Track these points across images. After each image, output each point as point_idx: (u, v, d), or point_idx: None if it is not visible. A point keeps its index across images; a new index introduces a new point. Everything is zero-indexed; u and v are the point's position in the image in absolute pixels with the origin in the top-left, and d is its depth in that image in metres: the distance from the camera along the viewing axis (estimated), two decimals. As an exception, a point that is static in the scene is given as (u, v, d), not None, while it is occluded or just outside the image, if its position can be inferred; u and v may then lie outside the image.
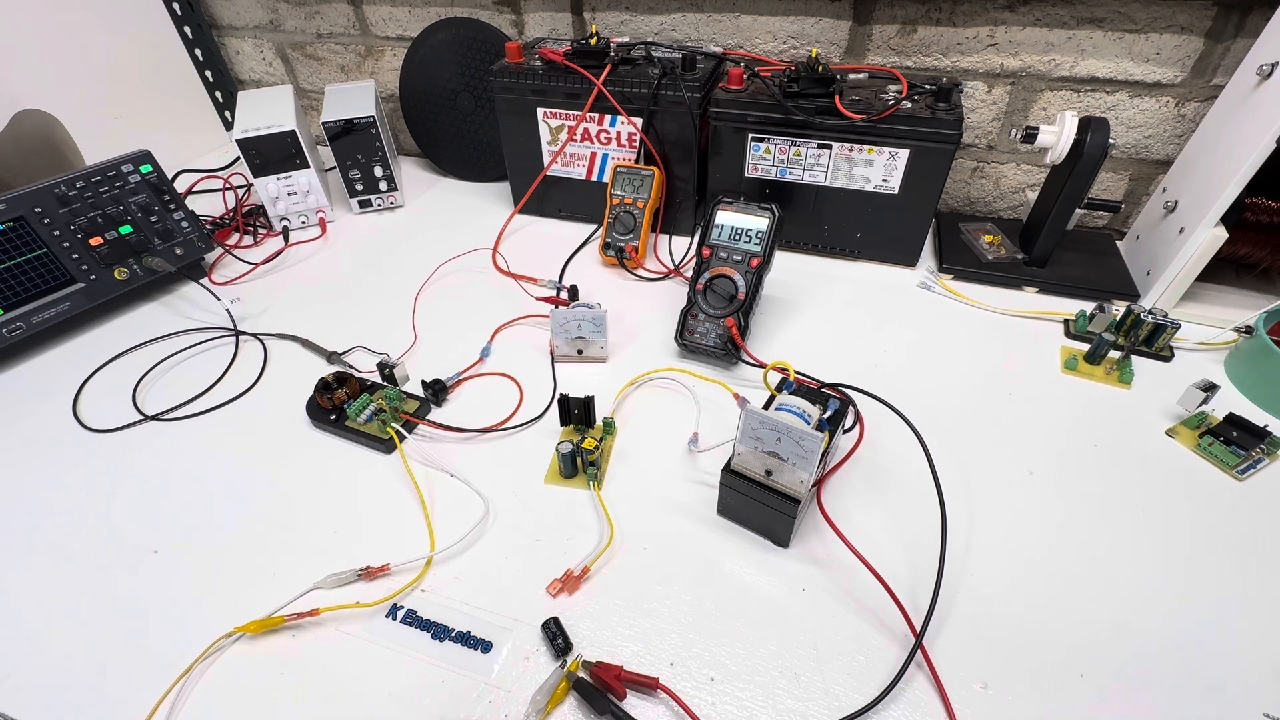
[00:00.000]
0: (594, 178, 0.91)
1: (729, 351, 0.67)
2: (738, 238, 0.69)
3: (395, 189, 0.99)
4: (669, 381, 0.69)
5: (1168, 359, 0.69)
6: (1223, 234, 0.68)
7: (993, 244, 0.83)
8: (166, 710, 0.43)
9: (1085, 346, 0.71)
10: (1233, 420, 0.59)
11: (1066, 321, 0.74)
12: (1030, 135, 0.73)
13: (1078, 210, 0.75)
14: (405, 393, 0.65)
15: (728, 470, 0.51)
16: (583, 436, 0.61)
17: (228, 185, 1.01)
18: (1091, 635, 0.46)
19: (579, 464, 0.58)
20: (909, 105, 0.73)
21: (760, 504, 0.51)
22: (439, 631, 0.47)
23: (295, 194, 0.93)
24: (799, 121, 0.76)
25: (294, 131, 0.89)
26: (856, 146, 0.76)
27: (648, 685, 0.43)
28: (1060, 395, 0.66)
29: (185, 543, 0.54)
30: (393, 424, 0.61)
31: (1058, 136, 0.71)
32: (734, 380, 0.68)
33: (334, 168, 1.10)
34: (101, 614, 0.49)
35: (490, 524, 0.55)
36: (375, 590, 0.50)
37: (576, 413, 0.61)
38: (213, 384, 0.70)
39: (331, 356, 0.72)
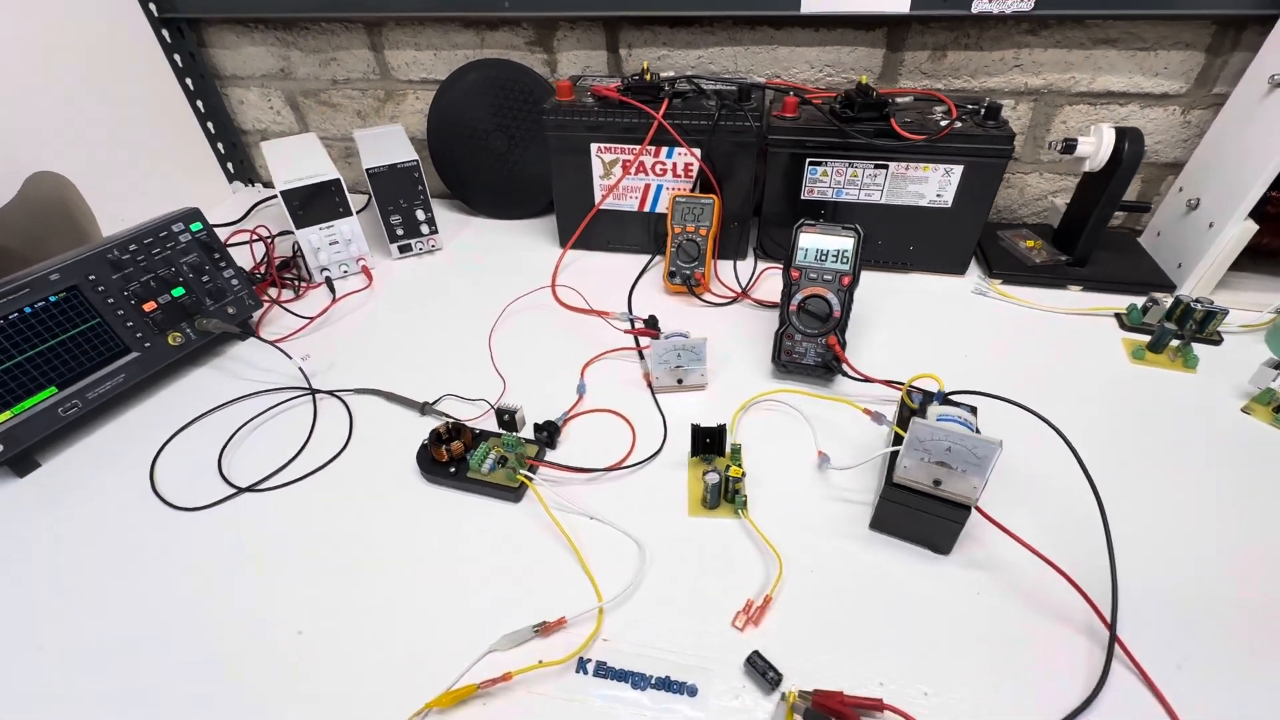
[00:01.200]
0: (647, 209, 0.92)
1: (830, 369, 0.69)
2: (824, 258, 0.71)
3: (436, 231, 0.98)
4: (773, 404, 0.69)
5: (1217, 343, 0.75)
6: (1253, 226, 0.74)
7: (1034, 248, 0.88)
8: (373, 804, 0.40)
9: (1141, 338, 0.76)
10: (1303, 394, 0.64)
11: (1118, 315, 0.80)
12: (1070, 146, 0.79)
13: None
14: (522, 438, 0.63)
15: (892, 485, 0.51)
16: (713, 465, 0.61)
17: (255, 238, 0.96)
18: (1257, 603, 0.49)
19: (724, 493, 0.58)
20: (960, 125, 0.78)
21: (925, 514, 0.52)
22: (637, 680, 0.46)
23: (337, 243, 0.90)
24: (857, 144, 0.80)
25: (338, 180, 0.86)
26: (912, 165, 0.80)
27: (874, 707, 0.43)
28: (1137, 383, 0.70)
29: (331, 616, 0.51)
30: (521, 471, 0.59)
31: (1096, 146, 0.77)
32: (836, 397, 0.69)
33: (361, 209, 1.07)
34: (266, 702, 0.45)
35: (649, 563, 0.54)
36: (554, 647, 0.48)
37: (709, 441, 0.60)
38: (301, 448, 0.66)
39: (424, 408, 0.69)
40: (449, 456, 0.60)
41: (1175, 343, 0.73)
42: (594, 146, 0.87)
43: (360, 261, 0.93)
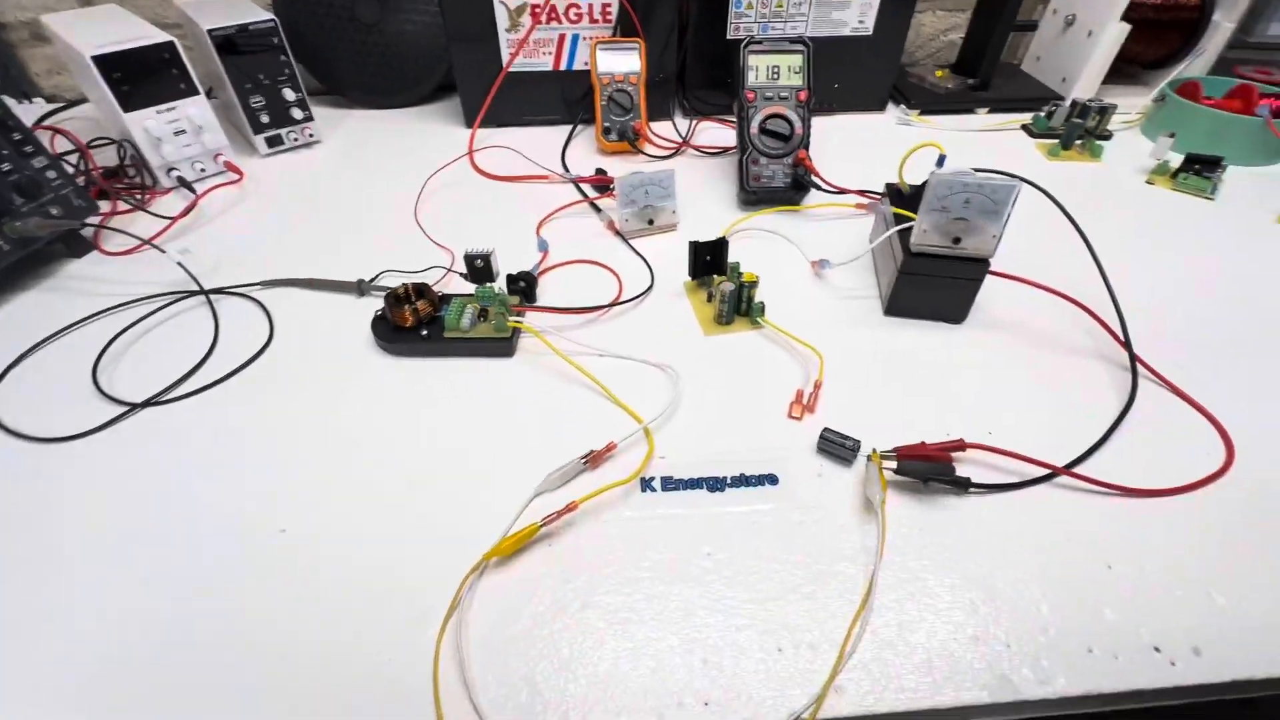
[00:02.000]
0: (563, 66, 0.82)
1: (803, 185, 0.67)
2: (776, 76, 0.67)
3: (311, 118, 0.81)
4: (750, 231, 0.66)
5: (1108, 137, 0.83)
6: (1126, 26, 0.82)
7: (943, 78, 0.92)
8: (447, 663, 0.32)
9: (1050, 141, 0.82)
10: (1192, 158, 0.72)
11: (1025, 127, 0.85)
12: (971, -37, 0.81)
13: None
14: (499, 289, 0.54)
15: (911, 256, 0.50)
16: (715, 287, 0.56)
17: (58, 132, 0.74)
18: (1220, 314, 0.55)
19: (740, 305, 0.53)
20: (876, -59, 0.77)
21: (942, 279, 0.51)
22: (713, 484, 0.41)
23: (184, 133, 0.71)
24: (781, -33, 0.76)
25: (172, 42, 0.68)
26: (836, -13, 0.79)
27: (956, 448, 0.42)
28: (1060, 175, 0.76)
29: (315, 511, 0.40)
30: (512, 317, 0.50)
31: (994, -40, 0.80)
32: (808, 215, 0.67)
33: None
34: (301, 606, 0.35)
35: (682, 383, 0.48)
36: (609, 475, 0.42)
37: (710, 259, 0.55)
38: (208, 353, 0.52)
39: (363, 287, 0.57)
40: (416, 319, 0.50)
41: (1080, 140, 0.80)
42: (495, -9, 0.76)
43: (220, 158, 0.75)
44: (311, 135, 0.82)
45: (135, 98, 0.67)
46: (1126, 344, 0.49)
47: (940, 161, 0.54)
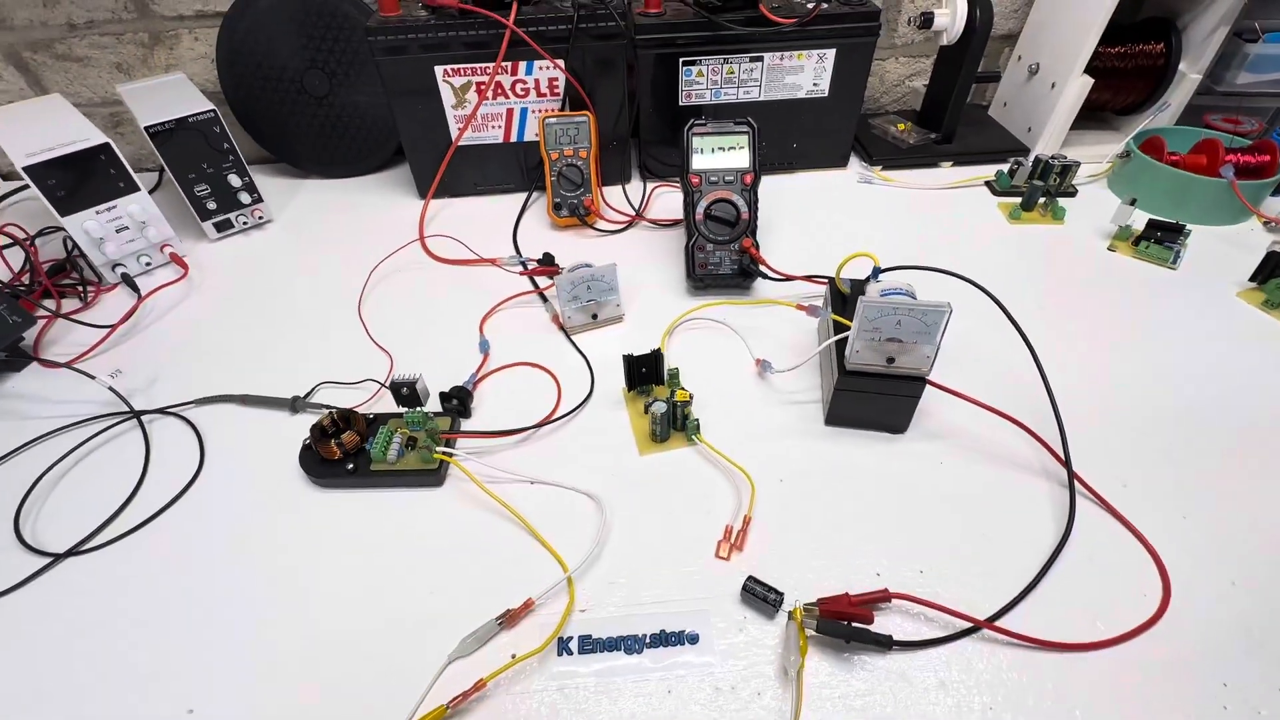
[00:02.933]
0: (513, 138, 0.81)
1: (749, 273, 0.65)
2: (722, 158, 0.66)
3: (260, 200, 0.80)
4: (697, 321, 0.65)
5: (1073, 195, 0.81)
6: (1089, 80, 0.80)
7: (905, 130, 0.90)
8: None
9: (1013, 200, 0.80)
10: (1155, 225, 0.70)
11: (988, 183, 0.83)
12: (928, 20, 0.79)
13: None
14: (428, 412, 0.53)
15: (846, 374, 0.49)
16: (653, 396, 0.55)
17: (7, 241, 0.73)
18: (1169, 414, 0.53)
19: (673, 422, 0.52)
20: (826, 6, 0.75)
21: (880, 396, 0.50)
22: (630, 644, 0.40)
23: (127, 229, 0.71)
24: (729, 36, 0.75)
25: (108, 144, 0.67)
26: (788, 54, 0.77)
27: (880, 600, 0.41)
28: (1019, 240, 0.74)
29: (228, 683, 0.39)
30: (439, 448, 0.49)
31: (951, 17, 0.78)
32: (761, 300, 0.66)
33: (155, 187, 0.86)
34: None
35: (610, 516, 0.47)
36: (526, 635, 0.41)
37: (645, 371, 0.54)
38: (136, 487, 0.51)
39: (297, 404, 0.56)
40: (342, 451, 0.49)
41: (1042, 200, 0.78)
42: (439, 70, 0.74)
43: (166, 249, 0.74)
44: (261, 216, 0.81)
45: (73, 201, 0.67)
46: (1066, 463, 0.48)
47: (875, 274, 0.52)
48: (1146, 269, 0.69)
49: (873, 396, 0.50)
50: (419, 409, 0.52)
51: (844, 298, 0.55)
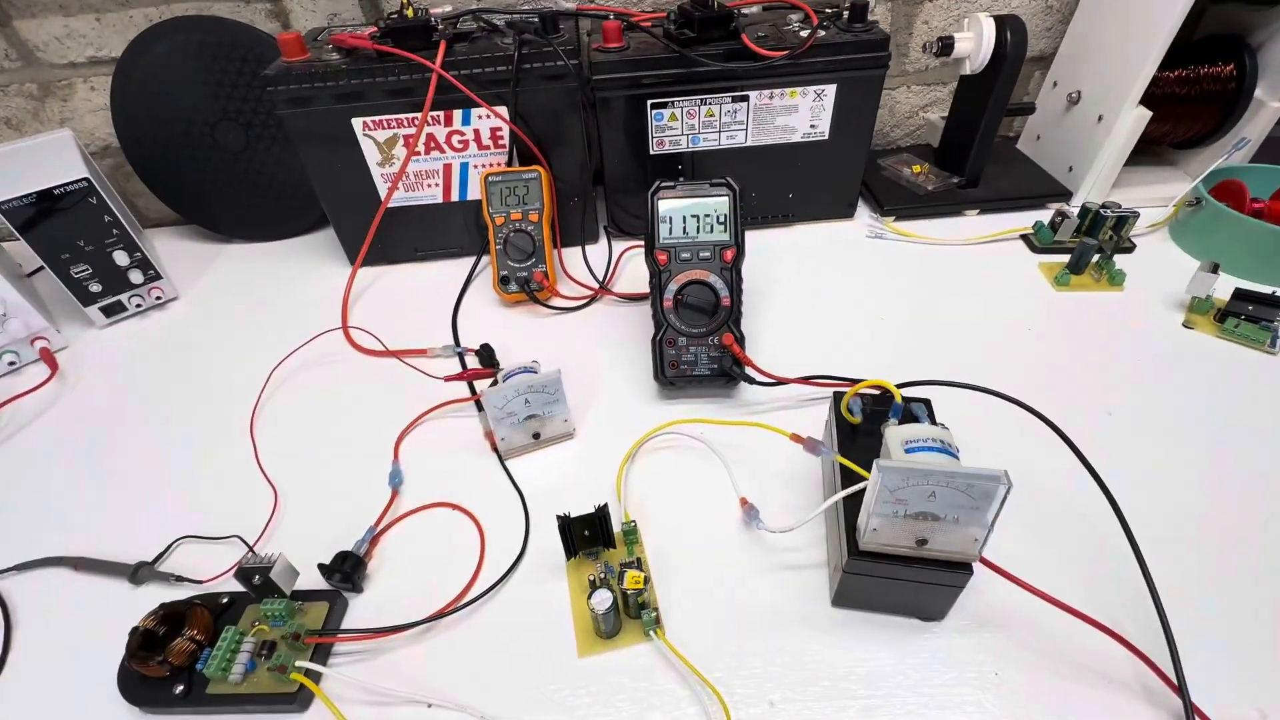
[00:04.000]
0: (455, 197, 0.68)
1: (733, 375, 0.52)
2: (696, 230, 0.52)
3: (157, 277, 0.68)
4: (669, 437, 0.51)
5: (1131, 250, 0.67)
6: (1146, 113, 0.66)
7: (921, 173, 0.76)
8: None
9: (1056, 259, 0.66)
10: (1242, 295, 0.56)
11: (1024, 237, 0.69)
12: (947, 46, 0.66)
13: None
14: (296, 594, 0.40)
15: (858, 557, 0.35)
16: (601, 563, 0.41)
17: None
18: (1302, 590, 0.39)
19: (628, 608, 0.39)
20: (824, 33, 0.62)
21: (906, 583, 0.36)
22: None
23: (-19, 324, 0.59)
24: (705, 73, 0.61)
25: (-57, 228, 0.55)
26: (777, 91, 0.64)
27: None
28: (1069, 315, 0.60)
29: None
30: (298, 663, 0.36)
31: (976, 42, 0.65)
32: (747, 421, 0.52)
33: (38, 270, 0.74)
34: None
35: (530, 768, 0.34)
36: None
37: (587, 533, 0.41)
38: (-94, 706, 0.38)
39: (138, 571, 0.43)
40: (170, 669, 0.36)
41: (1095, 258, 0.64)
42: (357, 123, 0.62)
43: (37, 343, 0.62)
44: (159, 296, 0.69)
45: (-98, 298, 0.55)
46: (1180, 689, 0.33)
47: (894, 411, 0.38)
48: (1237, 353, 0.55)
49: (894, 583, 0.36)
50: (280, 599, 0.38)
51: (853, 430, 0.41)
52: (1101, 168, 0.70)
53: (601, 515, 0.40)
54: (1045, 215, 0.70)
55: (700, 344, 0.52)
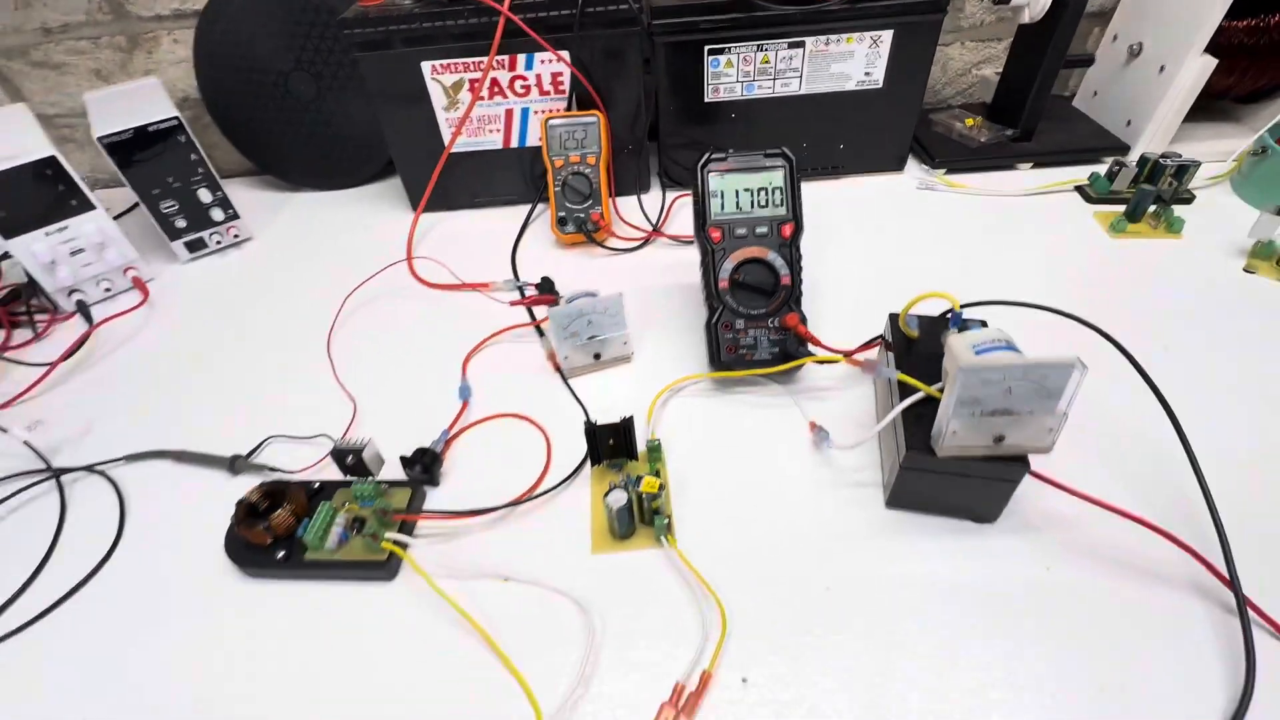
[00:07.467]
0: (514, 143, 0.71)
1: (794, 356, 0.49)
2: (751, 204, 0.51)
3: (235, 216, 0.72)
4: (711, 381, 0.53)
5: (1189, 201, 0.66)
6: (1211, 60, 0.65)
7: (975, 127, 0.76)
8: None
9: (1112, 209, 0.66)
10: (1308, 238, 0.55)
11: (1079, 189, 0.69)
12: (1005, -7, 0.66)
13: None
14: (383, 482, 0.43)
15: (915, 449, 0.36)
16: (626, 477, 0.43)
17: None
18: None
19: (638, 516, 0.41)
20: (882, -23, 0.63)
21: (971, 479, 0.37)
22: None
23: (83, 251, 0.63)
24: (764, 17, 0.63)
25: (54, 157, 0.59)
26: (834, 38, 0.64)
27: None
28: (1126, 260, 0.60)
29: None
30: (387, 535, 0.39)
31: (1035, -11, 0.65)
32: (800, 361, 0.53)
33: (132, 208, 0.79)
34: None
35: (602, 633, 0.36)
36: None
37: (612, 442, 0.43)
38: (37, 569, 0.42)
39: (236, 463, 0.47)
40: (273, 537, 0.40)
41: (1153, 206, 0.63)
42: (426, 66, 0.65)
43: (129, 273, 0.67)
44: (237, 235, 0.73)
45: (16, 223, 0.59)
46: (1232, 584, 0.34)
47: (954, 320, 0.40)
48: (1300, 295, 0.55)
49: (957, 480, 0.38)
50: (370, 480, 0.42)
51: (909, 343, 0.42)
52: (1162, 119, 0.69)
53: (626, 426, 0.42)
54: (1101, 169, 0.69)
55: (760, 326, 0.50)
